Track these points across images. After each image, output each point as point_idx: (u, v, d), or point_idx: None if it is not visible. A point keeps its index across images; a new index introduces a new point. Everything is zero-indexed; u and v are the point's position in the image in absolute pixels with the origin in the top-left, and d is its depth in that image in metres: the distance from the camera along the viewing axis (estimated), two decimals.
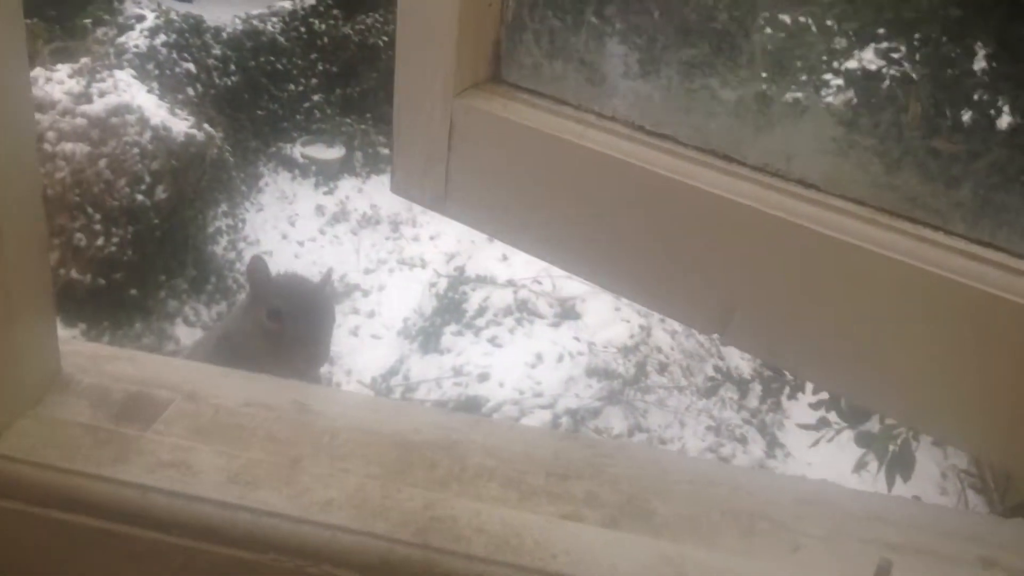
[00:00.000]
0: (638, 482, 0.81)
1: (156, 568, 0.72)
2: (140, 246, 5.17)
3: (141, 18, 6.07)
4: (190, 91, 5.83)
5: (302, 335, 1.39)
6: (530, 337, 5.00)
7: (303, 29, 6.97)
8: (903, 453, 2.20)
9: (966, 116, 0.90)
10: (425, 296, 5.50)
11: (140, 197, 5.17)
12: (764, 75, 0.96)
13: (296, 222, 6.15)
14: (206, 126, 5.54)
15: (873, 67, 0.95)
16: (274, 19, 6.84)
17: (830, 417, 2.35)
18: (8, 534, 0.73)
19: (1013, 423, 0.82)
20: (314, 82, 6.96)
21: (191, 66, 6.02)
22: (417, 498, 0.74)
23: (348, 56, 7.13)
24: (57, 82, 5.19)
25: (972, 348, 0.82)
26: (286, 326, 1.41)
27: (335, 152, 6.67)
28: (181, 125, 5.35)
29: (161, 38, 5.91)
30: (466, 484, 0.78)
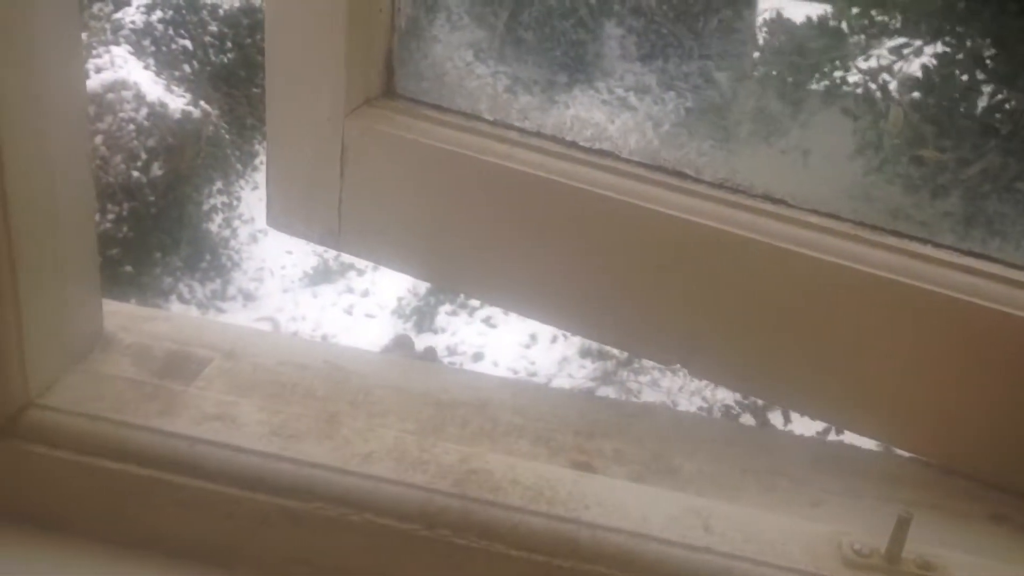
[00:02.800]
0: (662, 440, 0.84)
1: (203, 516, 0.75)
2: (136, 223, 5.16)
3: None
4: (186, 68, 5.82)
5: None
6: (524, 318, 5.02)
7: None
8: None
9: (954, 122, 0.86)
10: None
11: (136, 174, 5.17)
12: (720, 78, 0.89)
13: None
14: (202, 103, 5.53)
15: (850, 71, 0.92)
16: None
17: None
18: (60, 484, 0.76)
19: (1017, 440, 0.81)
20: None
21: (188, 43, 6.00)
22: (453, 452, 0.77)
23: None
24: None
25: (972, 366, 0.80)
26: None
27: None
28: (178, 102, 5.34)
29: (158, 14, 5.89)
30: (497, 441, 0.82)
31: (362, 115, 0.91)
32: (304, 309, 5.35)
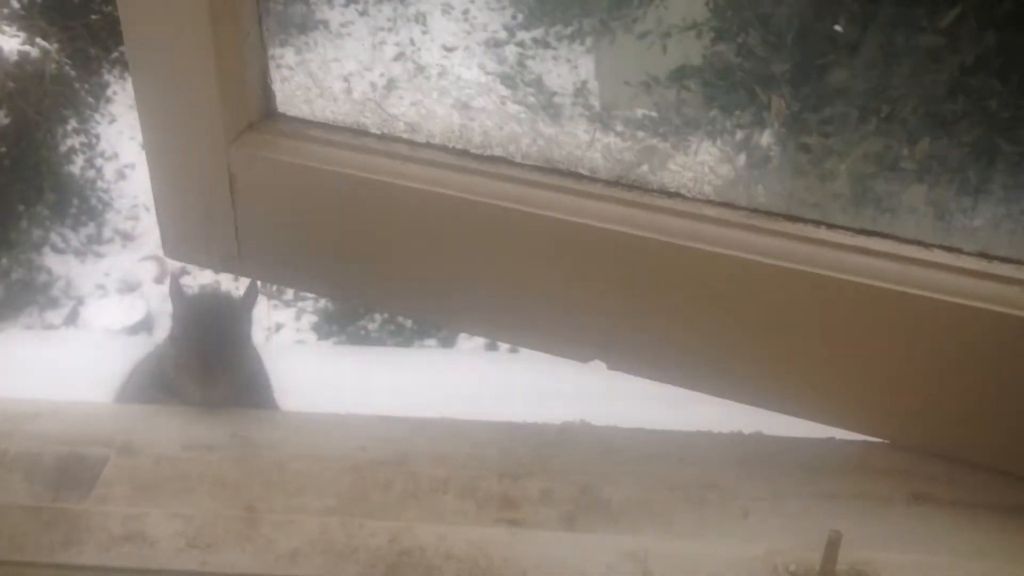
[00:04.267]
0: (587, 469, 0.83)
1: None
2: None
3: None
4: (14, 3, 5.40)
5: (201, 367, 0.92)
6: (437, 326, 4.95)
7: None
8: None
9: (834, 109, 0.86)
10: None
11: None
12: (607, 72, 0.88)
13: None
14: (39, 40, 5.16)
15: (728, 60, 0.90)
16: None
17: None
18: None
19: (929, 413, 0.83)
20: None
21: None
22: (381, 532, 0.74)
23: None
24: None
25: (874, 341, 0.81)
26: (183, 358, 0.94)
27: None
28: (11, 43, 4.98)
29: None
30: (423, 502, 0.79)
31: (245, 142, 0.89)
32: None
